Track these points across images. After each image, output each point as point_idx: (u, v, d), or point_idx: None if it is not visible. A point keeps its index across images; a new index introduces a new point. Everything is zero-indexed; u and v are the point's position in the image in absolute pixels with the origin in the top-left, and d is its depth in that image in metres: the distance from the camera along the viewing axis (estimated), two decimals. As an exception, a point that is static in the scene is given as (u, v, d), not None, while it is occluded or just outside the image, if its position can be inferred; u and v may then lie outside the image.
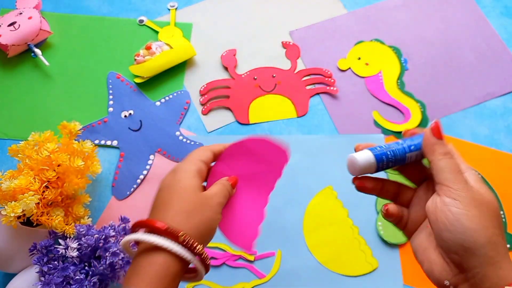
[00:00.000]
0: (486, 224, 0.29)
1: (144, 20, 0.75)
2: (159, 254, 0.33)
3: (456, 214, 0.29)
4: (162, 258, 0.33)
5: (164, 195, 0.36)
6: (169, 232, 0.33)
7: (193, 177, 0.37)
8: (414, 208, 0.35)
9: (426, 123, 0.66)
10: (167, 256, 0.33)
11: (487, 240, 0.29)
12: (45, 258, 0.50)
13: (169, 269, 0.33)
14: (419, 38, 0.73)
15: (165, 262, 0.33)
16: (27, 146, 0.54)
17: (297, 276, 0.56)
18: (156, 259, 0.33)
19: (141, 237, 0.33)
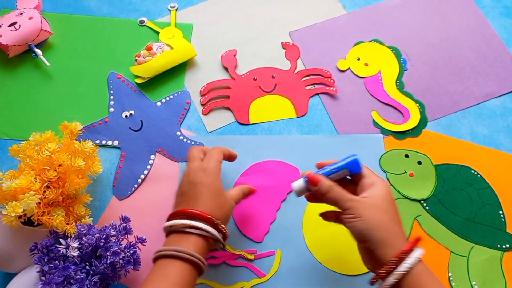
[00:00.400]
0: (376, 221, 0.42)
1: (144, 20, 0.75)
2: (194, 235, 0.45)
3: (352, 224, 0.43)
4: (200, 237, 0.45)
5: (199, 189, 0.48)
6: (211, 220, 0.46)
7: (219, 179, 0.50)
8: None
9: (425, 123, 0.66)
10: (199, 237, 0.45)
11: (380, 232, 0.42)
12: (45, 257, 0.50)
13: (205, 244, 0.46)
14: (418, 38, 0.74)
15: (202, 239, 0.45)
16: (28, 146, 0.54)
17: (297, 276, 0.56)
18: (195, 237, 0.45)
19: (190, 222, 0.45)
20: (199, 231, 0.45)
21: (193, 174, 0.49)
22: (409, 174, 0.62)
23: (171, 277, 0.42)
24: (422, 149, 0.64)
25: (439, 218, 0.59)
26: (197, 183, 0.48)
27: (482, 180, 0.62)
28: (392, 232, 0.42)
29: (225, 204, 0.49)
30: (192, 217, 0.46)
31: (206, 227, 0.45)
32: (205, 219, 0.45)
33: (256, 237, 0.58)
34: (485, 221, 0.59)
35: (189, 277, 0.43)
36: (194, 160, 0.51)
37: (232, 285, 0.55)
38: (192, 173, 0.49)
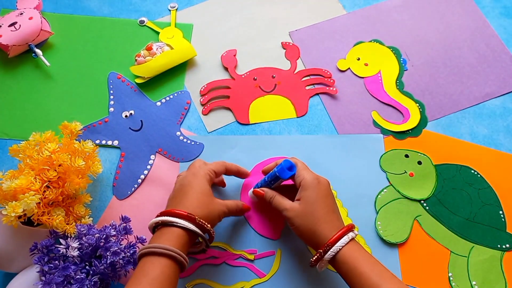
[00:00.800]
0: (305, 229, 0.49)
1: (144, 20, 0.75)
2: (175, 228, 0.47)
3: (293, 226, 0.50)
4: (178, 230, 0.47)
5: (186, 190, 0.51)
6: (189, 217, 0.47)
7: (207, 183, 0.52)
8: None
9: (425, 123, 0.66)
10: (180, 230, 0.47)
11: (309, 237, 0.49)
12: (45, 257, 0.50)
13: (184, 238, 0.47)
14: (418, 38, 0.74)
15: (180, 233, 0.47)
16: (28, 146, 0.54)
17: (296, 276, 0.56)
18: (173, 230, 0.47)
19: (166, 218, 0.47)
20: (177, 225, 0.47)
21: (183, 179, 0.52)
22: (409, 174, 0.62)
23: (151, 272, 0.44)
24: (422, 149, 0.64)
25: (439, 218, 0.59)
26: (185, 185, 0.51)
27: (482, 180, 0.62)
28: (323, 235, 0.48)
29: (211, 204, 0.51)
30: (171, 215, 0.48)
31: (182, 222, 0.47)
32: (183, 216, 0.47)
33: (273, 235, 0.58)
34: (485, 221, 0.59)
35: (168, 271, 0.44)
36: (192, 168, 0.54)
37: (232, 285, 0.55)
38: (183, 178, 0.53)
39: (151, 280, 0.43)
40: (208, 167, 0.54)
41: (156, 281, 0.43)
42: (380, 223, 0.59)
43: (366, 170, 0.63)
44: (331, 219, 0.49)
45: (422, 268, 0.56)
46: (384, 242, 0.58)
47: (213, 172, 0.54)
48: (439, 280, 0.56)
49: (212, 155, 0.64)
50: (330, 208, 0.50)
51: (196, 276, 0.56)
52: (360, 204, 0.60)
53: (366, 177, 0.62)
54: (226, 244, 0.58)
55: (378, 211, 0.60)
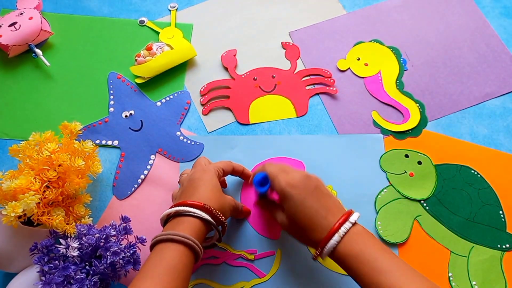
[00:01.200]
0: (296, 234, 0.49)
1: (144, 20, 0.75)
2: (191, 218, 0.46)
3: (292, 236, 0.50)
4: (195, 220, 0.46)
5: (197, 184, 0.50)
6: (204, 207, 0.47)
7: (216, 178, 0.52)
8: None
9: (425, 123, 0.66)
10: (197, 220, 0.47)
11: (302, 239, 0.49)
12: (45, 257, 0.50)
13: (200, 228, 0.46)
14: (418, 38, 0.74)
15: (196, 223, 0.46)
16: (28, 146, 0.54)
17: (296, 276, 0.56)
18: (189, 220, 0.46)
19: (183, 208, 0.47)
20: (194, 214, 0.46)
21: (193, 174, 0.52)
22: (409, 174, 0.62)
23: (167, 260, 0.42)
24: (422, 149, 0.64)
25: (439, 218, 0.59)
26: (195, 179, 0.50)
27: (482, 180, 0.62)
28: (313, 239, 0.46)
29: (222, 198, 0.50)
30: (186, 206, 0.47)
31: (198, 212, 0.46)
32: (199, 207, 0.47)
33: (273, 235, 0.58)
34: (485, 221, 0.59)
35: (184, 259, 0.43)
36: (198, 165, 0.54)
37: (232, 285, 0.55)
38: (193, 173, 0.52)
39: (169, 268, 0.42)
40: (216, 164, 0.54)
41: (174, 269, 0.42)
42: (380, 223, 0.59)
43: (366, 170, 0.63)
44: (317, 220, 0.46)
45: (422, 268, 0.56)
46: (384, 242, 0.58)
47: (221, 170, 0.54)
48: (439, 280, 0.56)
49: (212, 155, 0.64)
50: (313, 209, 0.46)
51: (196, 276, 0.56)
52: (360, 204, 0.60)
53: (366, 177, 0.62)
54: (226, 244, 0.58)
55: (378, 211, 0.60)
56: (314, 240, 0.46)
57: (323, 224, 0.45)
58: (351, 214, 0.46)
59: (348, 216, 0.45)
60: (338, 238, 0.44)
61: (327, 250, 0.44)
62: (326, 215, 0.46)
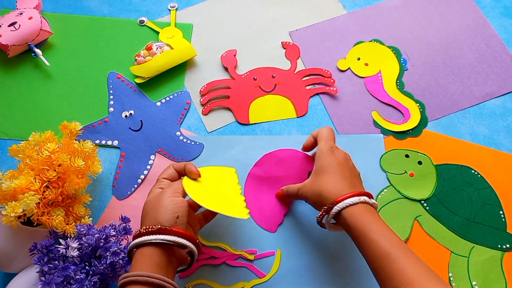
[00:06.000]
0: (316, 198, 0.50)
1: (144, 20, 0.75)
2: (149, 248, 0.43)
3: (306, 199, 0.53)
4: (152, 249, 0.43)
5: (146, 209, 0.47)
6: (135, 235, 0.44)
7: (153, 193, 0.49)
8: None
9: (426, 123, 0.66)
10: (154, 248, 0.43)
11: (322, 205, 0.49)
12: (45, 257, 0.50)
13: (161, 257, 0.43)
14: (419, 38, 0.74)
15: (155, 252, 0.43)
16: (28, 146, 0.54)
17: (297, 276, 0.56)
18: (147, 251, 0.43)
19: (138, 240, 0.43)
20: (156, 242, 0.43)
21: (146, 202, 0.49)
22: (409, 174, 0.62)
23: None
24: (422, 149, 0.64)
25: (440, 218, 0.59)
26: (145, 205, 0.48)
27: (482, 180, 0.62)
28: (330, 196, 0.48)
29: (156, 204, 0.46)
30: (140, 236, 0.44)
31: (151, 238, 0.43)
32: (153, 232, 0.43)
33: (270, 227, 0.58)
34: (485, 221, 0.59)
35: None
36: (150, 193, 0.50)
37: (232, 285, 0.55)
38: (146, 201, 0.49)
39: None
40: (158, 177, 0.51)
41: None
42: (380, 223, 0.59)
43: (366, 170, 0.62)
44: (341, 183, 0.48)
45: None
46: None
47: (162, 180, 0.50)
48: (439, 280, 0.56)
49: (212, 155, 0.64)
50: (342, 174, 0.49)
51: (196, 276, 0.56)
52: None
53: (367, 177, 0.62)
54: (226, 244, 0.58)
55: (378, 211, 0.59)
56: (328, 197, 0.48)
57: (345, 187, 0.48)
58: (370, 195, 0.48)
59: (366, 194, 0.48)
60: (352, 201, 0.46)
61: (336, 209, 0.46)
62: (352, 183, 0.49)
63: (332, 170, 0.50)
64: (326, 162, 0.51)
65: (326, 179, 0.49)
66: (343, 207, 0.46)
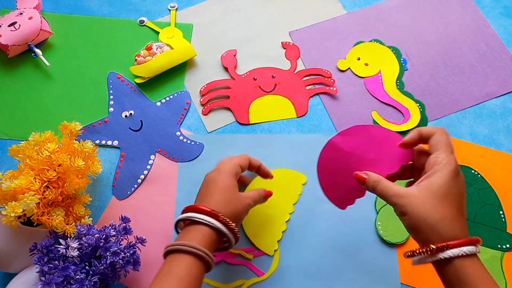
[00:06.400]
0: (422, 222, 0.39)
1: (144, 20, 0.75)
2: (203, 226, 0.46)
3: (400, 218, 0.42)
4: (206, 229, 0.46)
5: (210, 187, 0.49)
6: (213, 213, 0.46)
7: (232, 177, 0.50)
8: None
9: (426, 123, 0.66)
10: (208, 228, 0.46)
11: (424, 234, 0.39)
12: (45, 257, 0.50)
13: (212, 237, 0.46)
14: (419, 38, 0.74)
15: (208, 231, 0.46)
16: (28, 146, 0.54)
17: (295, 274, 0.56)
18: (201, 229, 0.46)
19: (193, 215, 0.46)
20: (203, 221, 0.46)
21: (208, 175, 0.51)
22: (409, 174, 0.62)
23: (175, 272, 0.42)
24: (422, 149, 0.64)
25: (439, 218, 0.59)
26: (209, 182, 0.50)
27: (482, 180, 0.62)
28: (442, 233, 0.38)
29: (235, 200, 0.49)
30: (196, 211, 0.46)
31: (207, 218, 0.45)
32: (207, 212, 0.46)
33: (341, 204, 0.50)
34: (485, 221, 0.59)
35: (194, 270, 0.43)
36: (217, 165, 0.53)
37: (231, 283, 0.55)
38: (208, 174, 0.51)
39: (178, 280, 0.42)
40: (233, 161, 0.52)
41: (182, 281, 0.42)
42: (380, 223, 0.59)
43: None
44: (459, 221, 0.39)
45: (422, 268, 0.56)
46: (384, 242, 0.58)
47: (238, 167, 0.52)
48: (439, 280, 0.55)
49: (211, 154, 0.64)
50: (461, 209, 0.40)
51: (196, 276, 0.56)
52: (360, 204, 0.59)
53: (366, 177, 0.62)
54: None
55: (378, 211, 0.59)
56: (442, 232, 0.38)
57: (463, 226, 0.39)
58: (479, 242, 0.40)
59: (478, 241, 0.39)
60: (470, 250, 0.38)
61: (447, 254, 0.37)
62: (466, 223, 0.40)
63: (455, 198, 0.39)
64: (450, 184, 0.39)
65: (444, 208, 0.39)
66: (458, 254, 0.37)
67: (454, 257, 0.37)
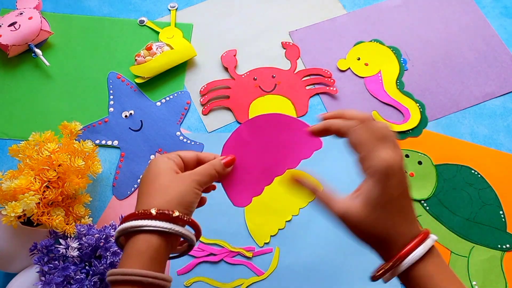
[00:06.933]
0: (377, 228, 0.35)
1: (144, 20, 0.75)
2: (142, 235, 0.35)
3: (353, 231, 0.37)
4: (145, 237, 0.35)
5: (142, 186, 0.39)
6: (142, 214, 0.36)
7: (165, 162, 0.39)
8: None
9: (426, 123, 0.66)
10: (148, 235, 0.35)
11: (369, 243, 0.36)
12: (45, 257, 0.50)
13: (154, 245, 0.35)
14: (419, 38, 0.74)
15: (147, 240, 0.35)
16: (28, 146, 0.54)
17: (295, 273, 0.56)
18: (140, 240, 0.35)
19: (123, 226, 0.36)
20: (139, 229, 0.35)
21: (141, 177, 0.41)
22: (409, 174, 0.62)
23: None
24: (422, 149, 0.64)
25: (439, 218, 0.59)
26: (142, 180, 0.40)
27: (482, 180, 0.62)
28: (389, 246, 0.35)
29: (174, 182, 0.37)
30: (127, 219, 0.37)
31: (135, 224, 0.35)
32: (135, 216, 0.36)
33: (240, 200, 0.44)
34: (485, 221, 0.59)
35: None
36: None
37: (230, 283, 0.55)
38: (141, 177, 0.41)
39: None
40: (172, 153, 0.41)
41: None
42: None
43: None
44: (405, 222, 0.35)
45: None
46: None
47: (174, 154, 0.40)
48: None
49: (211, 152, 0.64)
50: (405, 210, 0.36)
51: (194, 274, 0.56)
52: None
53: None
54: (224, 241, 0.58)
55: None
56: (393, 244, 0.35)
57: (410, 227, 0.36)
58: (429, 233, 0.36)
59: (428, 233, 0.36)
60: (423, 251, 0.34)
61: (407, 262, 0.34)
62: (414, 217, 0.36)
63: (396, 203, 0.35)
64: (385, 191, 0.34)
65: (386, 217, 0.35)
66: (411, 263, 0.34)
67: (410, 266, 0.34)
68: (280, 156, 0.44)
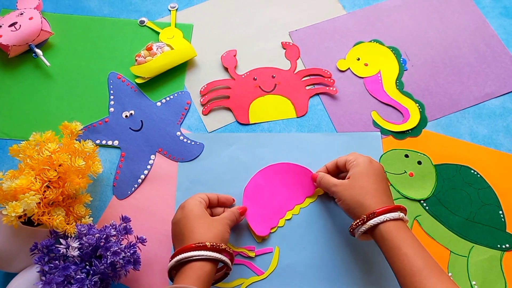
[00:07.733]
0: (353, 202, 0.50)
1: (145, 21, 0.76)
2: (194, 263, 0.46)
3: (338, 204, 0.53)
4: (197, 264, 0.46)
5: (182, 225, 0.49)
6: (198, 246, 0.46)
7: (199, 206, 0.51)
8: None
9: (425, 123, 0.66)
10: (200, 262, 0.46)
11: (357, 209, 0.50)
12: (46, 257, 0.50)
13: (203, 269, 0.45)
14: (418, 38, 0.74)
15: (199, 266, 0.45)
16: (28, 146, 0.54)
17: (295, 273, 0.56)
18: (192, 267, 0.45)
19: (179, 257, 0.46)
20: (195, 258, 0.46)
21: (175, 217, 0.52)
22: (409, 174, 0.62)
23: None
24: (422, 149, 0.64)
25: (439, 218, 0.59)
26: (179, 222, 0.50)
27: (481, 180, 0.62)
28: (369, 206, 0.49)
29: (213, 223, 0.50)
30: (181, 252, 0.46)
31: (192, 254, 0.45)
32: (192, 248, 0.46)
33: (261, 230, 0.58)
34: (485, 221, 0.59)
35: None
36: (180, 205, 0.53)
37: (230, 282, 0.56)
38: (174, 217, 0.52)
39: None
40: (192, 196, 0.53)
41: None
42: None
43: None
44: (381, 195, 0.50)
45: (422, 268, 0.56)
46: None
47: (199, 198, 0.52)
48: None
49: (211, 152, 0.64)
50: (381, 186, 0.51)
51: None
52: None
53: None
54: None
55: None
56: (368, 207, 0.48)
57: (384, 199, 0.49)
58: (405, 210, 0.50)
59: (403, 209, 0.50)
60: (394, 216, 0.47)
61: (375, 220, 0.47)
62: (389, 197, 0.51)
63: (373, 179, 0.51)
64: (365, 170, 0.51)
65: (366, 187, 0.50)
66: (384, 220, 0.47)
67: (381, 222, 0.47)
68: (289, 195, 0.60)
